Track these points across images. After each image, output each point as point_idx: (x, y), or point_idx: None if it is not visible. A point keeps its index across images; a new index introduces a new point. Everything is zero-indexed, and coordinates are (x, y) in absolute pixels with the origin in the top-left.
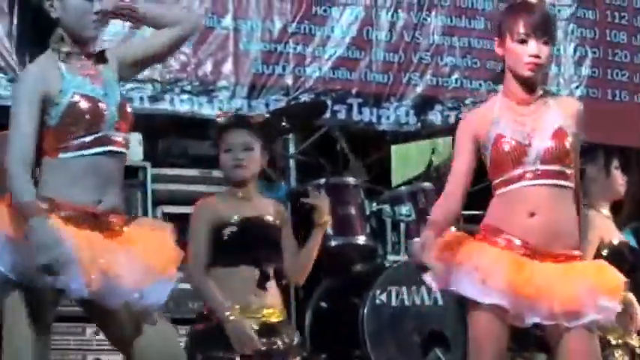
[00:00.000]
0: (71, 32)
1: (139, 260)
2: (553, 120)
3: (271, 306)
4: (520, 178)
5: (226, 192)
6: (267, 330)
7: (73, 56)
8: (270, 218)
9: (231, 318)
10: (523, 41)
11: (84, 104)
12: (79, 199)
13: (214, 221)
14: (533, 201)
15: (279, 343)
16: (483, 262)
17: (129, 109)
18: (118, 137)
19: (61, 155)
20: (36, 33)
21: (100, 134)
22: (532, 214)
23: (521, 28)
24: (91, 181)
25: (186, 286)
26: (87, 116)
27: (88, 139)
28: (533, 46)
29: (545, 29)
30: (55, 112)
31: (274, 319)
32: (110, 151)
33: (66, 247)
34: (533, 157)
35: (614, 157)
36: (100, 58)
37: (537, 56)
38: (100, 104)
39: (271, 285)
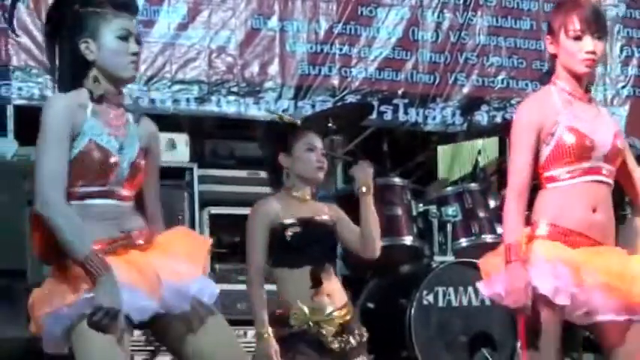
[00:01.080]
0: (107, 74)
1: (181, 258)
2: (609, 120)
3: (342, 306)
4: (584, 173)
5: (283, 193)
6: (342, 330)
7: (103, 100)
8: (326, 218)
9: (265, 336)
10: (578, 38)
11: (96, 154)
12: (103, 235)
13: (273, 223)
14: (595, 197)
15: (352, 341)
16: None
17: (141, 169)
18: (124, 192)
19: (71, 202)
20: (73, 77)
21: (105, 188)
22: (594, 210)
23: (576, 25)
24: (105, 222)
25: (235, 287)
26: (96, 167)
27: (93, 189)
28: (588, 42)
29: (598, 25)
30: (70, 153)
31: (348, 318)
32: (113, 205)
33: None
34: (599, 153)
35: None
36: (132, 113)
37: (593, 52)
38: (113, 158)
39: (337, 283)
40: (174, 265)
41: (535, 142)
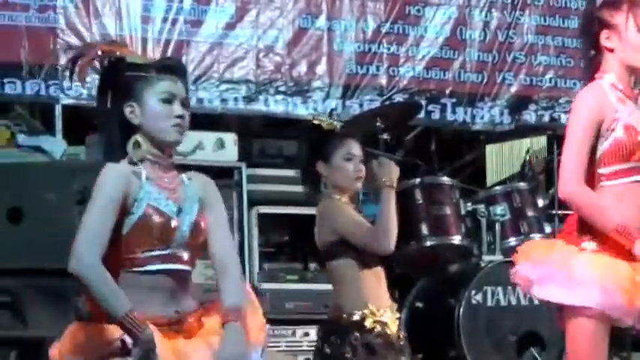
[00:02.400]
0: (152, 138)
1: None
2: None
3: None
4: (632, 172)
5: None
6: (398, 328)
7: (152, 165)
8: None
9: None
10: None
11: (156, 219)
12: (155, 311)
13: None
14: None
15: (401, 336)
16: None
17: (203, 230)
18: (186, 256)
19: (130, 270)
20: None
21: (167, 252)
22: None
23: None
24: (162, 295)
25: (283, 286)
26: (157, 232)
27: (155, 253)
28: None
29: None
30: (129, 220)
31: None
32: (174, 269)
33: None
34: None
35: None
36: (184, 172)
37: None
38: (172, 221)
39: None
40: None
41: (594, 136)
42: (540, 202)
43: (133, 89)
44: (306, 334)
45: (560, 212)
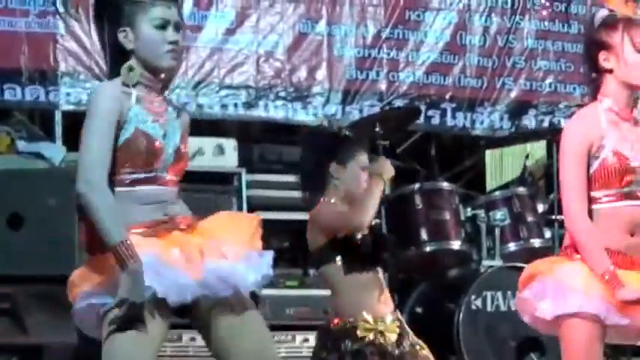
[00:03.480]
0: (146, 63)
1: (225, 240)
2: None
3: (394, 310)
4: (623, 197)
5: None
6: (400, 337)
7: (144, 88)
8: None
9: None
10: None
11: (142, 141)
12: (144, 218)
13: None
14: (632, 221)
15: (406, 345)
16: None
17: (184, 155)
18: (169, 178)
19: (119, 188)
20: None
21: (151, 174)
22: (632, 234)
23: (639, 37)
24: (149, 205)
25: (283, 292)
26: (142, 154)
27: (140, 176)
28: None
29: None
30: (119, 139)
31: (400, 322)
32: (161, 189)
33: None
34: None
35: None
36: (171, 103)
37: None
38: (157, 144)
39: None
40: (218, 247)
41: (586, 162)
42: (540, 208)
43: (126, 14)
44: (306, 340)
45: (559, 217)
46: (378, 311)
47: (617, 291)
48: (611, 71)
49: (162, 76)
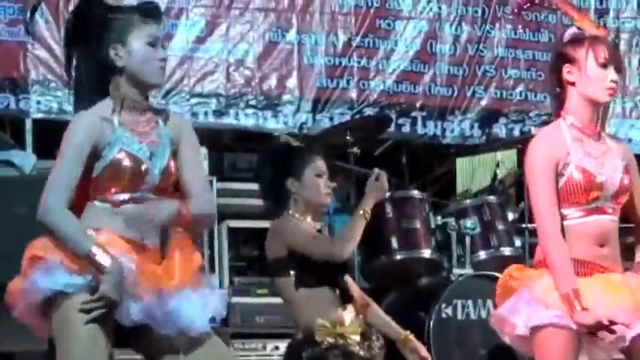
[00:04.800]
0: (136, 80)
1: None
2: (619, 158)
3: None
4: (591, 212)
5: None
6: (364, 337)
7: (129, 109)
8: None
9: None
10: (605, 66)
11: (127, 162)
12: (121, 230)
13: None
14: (601, 234)
15: (375, 346)
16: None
17: (172, 174)
18: (156, 197)
19: (99, 205)
20: (96, 83)
21: (137, 195)
22: (602, 245)
23: (605, 53)
24: (129, 222)
25: (253, 300)
26: (128, 175)
27: (124, 197)
28: (613, 72)
29: (619, 59)
30: (99, 164)
31: (365, 324)
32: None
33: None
34: (607, 193)
35: None
36: (159, 114)
37: (616, 82)
38: (144, 165)
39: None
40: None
41: (554, 179)
42: (510, 216)
43: (117, 31)
44: (277, 348)
45: (530, 226)
46: (335, 316)
47: (576, 313)
48: (573, 84)
49: (147, 101)
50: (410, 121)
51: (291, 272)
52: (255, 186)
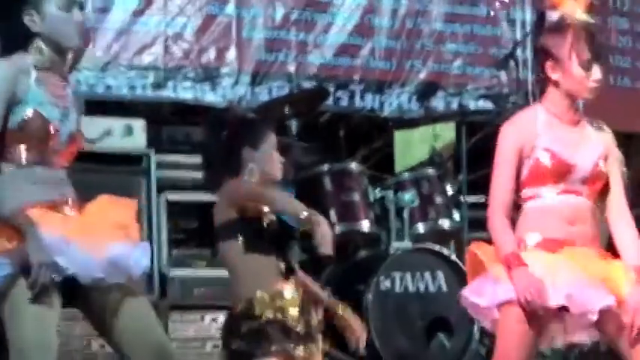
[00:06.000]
0: (52, 44)
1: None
2: (599, 145)
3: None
4: (561, 192)
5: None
6: (303, 311)
7: (46, 69)
8: None
9: None
10: (588, 66)
11: (37, 123)
12: (42, 198)
13: (250, 208)
14: (572, 212)
15: (313, 320)
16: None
17: (79, 142)
18: (61, 161)
19: (13, 166)
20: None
21: (44, 155)
22: (572, 223)
23: (586, 54)
24: (45, 186)
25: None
26: (37, 135)
27: (32, 156)
28: (597, 71)
29: (601, 52)
30: (13, 119)
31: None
32: (51, 171)
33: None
34: (578, 176)
35: None
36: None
37: (599, 81)
38: (52, 127)
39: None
40: (113, 232)
41: (516, 161)
42: (449, 189)
43: None
44: (214, 320)
45: (468, 199)
46: (275, 289)
47: (515, 270)
48: (556, 82)
49: (69, 57)
50: (348, 94)
51: (239, 237)
52: (193, 158)
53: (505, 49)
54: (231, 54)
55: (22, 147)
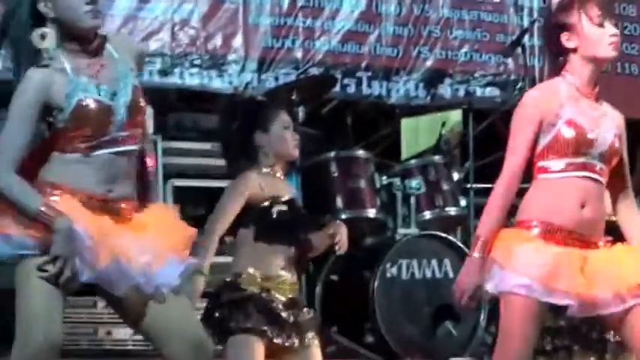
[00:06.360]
0: (69, 29)
1: (149, 244)
2: (614, 121)
3: (294, 281)
4: (577, 168)
5: (268, 170)
6: (293, 303)
7: (75, 54)
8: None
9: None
10: (601, 24)
11: (91, 107)
12: (87, 187)
13: (255, 197)
14: (584, 193)
15: (305, 314)
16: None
17: (142, 103)
18: (128, 135)
19: (69, 156)
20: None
21: (107, 137)
22: (583, 206)
23: (597, 11)
24: (101, 175)
25: None
26: (93, 120)
27: (95, 142)
28: (610, 27)
29: (612, 9)
30: (62, 116)
31: (298, 294)
32: (119, 151)
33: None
34: (597, 151)
35: None
36: (105, 49)
37: (616, 35)
38: (108, 106)
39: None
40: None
41: (535, 132)
42: (455, 176)
43: None
44: None
45: (474, 186)
46: (270, 271)
47: (471, 258)
48: (575, 50)
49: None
50: (355, 81)
51: (250, 226)
52: (199, 145)
53: (512, 35)
54: (238, 40)
55: (79, 139)
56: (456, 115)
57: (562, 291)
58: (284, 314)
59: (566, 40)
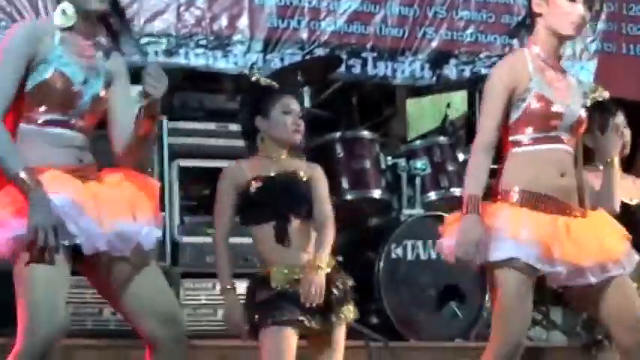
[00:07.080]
0: (78, 6)
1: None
2: (579, 91)
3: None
4: (549, 140)
5: (257, 155)
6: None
7: (74, 31)
8: (300, 173)
9: (228, 288)
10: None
11: (60, 83)
12: (59, 161)
13: (240, 184)
14: (562, 163)
15: (335, 292)
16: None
17: (103, 103)
18: (83, 124)
19: (31, 126)
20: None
21: (65, 117)
22: (562, 175)
23: None
24: (63, 148)
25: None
26: (59, 95)
27: (53, 117)
28: (581, 7)
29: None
30: (33, 79)
31: (327, 270)
32: (72, 134)
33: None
34: (566, 123)
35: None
36: (103, 47)
37: (584, 18)
38: (76, 89)
39: (313, 235)
40: (126, 207)
41: (506, 104)
42: (461, 157)
43: None
44: None
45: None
46: (291, 258)
47: (468, 215)
48: (540, 15)
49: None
50: (360, 62)
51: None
52: (205, 125)
53: (518, 16)
54: (244, 21)
55: (42, 108)
56: (461, 96)
57: (557, 259)
58: (308, 301)
59: (537, 5)
